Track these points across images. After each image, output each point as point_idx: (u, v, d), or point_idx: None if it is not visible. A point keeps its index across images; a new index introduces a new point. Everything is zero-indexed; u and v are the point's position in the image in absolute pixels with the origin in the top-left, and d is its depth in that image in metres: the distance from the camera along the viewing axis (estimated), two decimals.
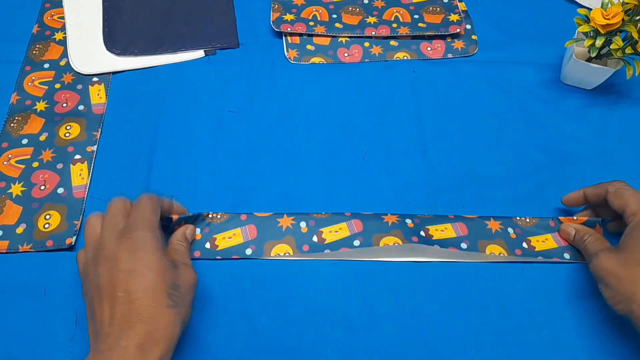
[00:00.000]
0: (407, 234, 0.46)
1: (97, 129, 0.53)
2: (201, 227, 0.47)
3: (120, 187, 0.50)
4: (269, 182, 0.51)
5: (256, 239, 0.46)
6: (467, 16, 0.64)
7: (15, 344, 0.42)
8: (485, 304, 0.45)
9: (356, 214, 0.48)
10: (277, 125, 0.55)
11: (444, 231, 0.47)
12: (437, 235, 0.47)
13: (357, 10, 0.63)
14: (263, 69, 0.59)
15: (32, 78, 0.56)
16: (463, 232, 0.47)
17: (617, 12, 0.49)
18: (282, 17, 0.61)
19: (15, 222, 0.47)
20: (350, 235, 0.47)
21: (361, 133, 0.54)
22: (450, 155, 0.53)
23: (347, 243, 0.46)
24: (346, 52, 0.60)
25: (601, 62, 0.55)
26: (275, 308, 0.44)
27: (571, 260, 0.46)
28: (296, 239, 0.47)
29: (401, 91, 0.57)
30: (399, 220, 0.48)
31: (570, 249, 0.47)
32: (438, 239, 0.46)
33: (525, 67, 0.59)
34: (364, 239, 0.46)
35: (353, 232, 0.47)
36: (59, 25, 0.61)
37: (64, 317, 0.43)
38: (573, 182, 0.51)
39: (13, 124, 0.53)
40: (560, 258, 0.46)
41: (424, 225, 0.47)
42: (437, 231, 0.47)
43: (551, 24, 0.63)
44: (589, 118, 0.56)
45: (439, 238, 0.46)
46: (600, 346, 0.43)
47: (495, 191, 0.51)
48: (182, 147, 0.53)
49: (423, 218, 0.48)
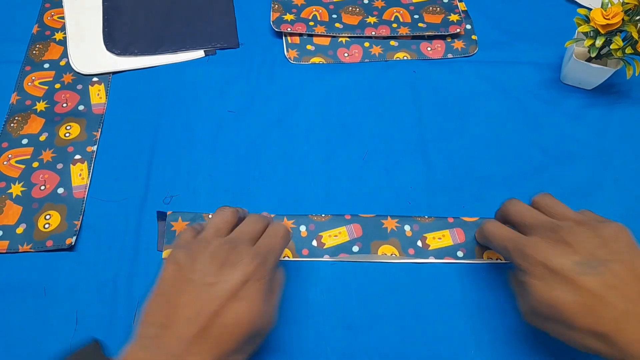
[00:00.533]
0: (404, 244, 0.47)
1: (97, 129, 0.53)
2: None
3: (121, 187, 0.50)
4: (269, 182, 0.51)
5: None
6: (467, 16, 0.64)
7: (15, 344, 0.42)
8: (485, 304, 0.45)
9: (356, 216, 0.48)
10: (277, 125, 0.55)
11: (442, 239, 0.47)
12: (434, 245, 0.47)
13: (357, 10, 0.63)
14: (263, 69, 0.59)
15: (32, 78, 0.56)
16: (460, 239, 0.47)
17: (617, 12, 0.49)
18: (282, 17, 0.61)
19: (15, 222, 0.47)
20: (350, 240, 0.47)
21: (361, 133, 0.54)
22: (450, 155, 0.53)
23: (347, 249, 0.46)
24: (346, 52, 0.60)
25: (601, 62, 0.55)
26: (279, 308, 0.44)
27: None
28: (296, 242, 0.47)
29: (401, 91, 0.57)
30: (397, 226, 0.48)
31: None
32: (435, 249, 0.47)
33: (525, 67, 0.59)
34: (363, 245, 0.47)
35: (352, 237, 0.47)
36: (59, 25, 0.61)
37: (64, 317, 0.43)
38: (573, 182, 0.51)
39: (13, 124, 0.53)
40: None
41: (422, 233, 0.47)
42: (435, 239, 0.47)
43: (551, 24, 0.63)
44: (588, 118, 0.56)
45: (435, 247, 0.47)
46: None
47: (495, 191, 0.51)
48: (182, 147, 0.53)
49: (422, 223, 0.48)
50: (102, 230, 0.47)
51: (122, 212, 0.48)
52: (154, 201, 0.49)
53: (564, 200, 0.50)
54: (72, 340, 0.42)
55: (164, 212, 0.48)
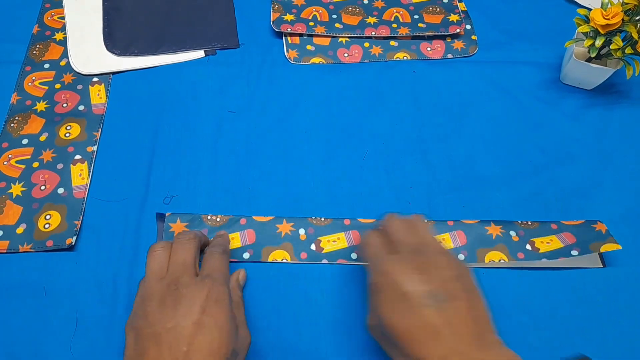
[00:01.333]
0: None
1: (98, 129, 0.53)
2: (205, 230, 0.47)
3: (121, 187, 0.50)
4: (269, 182, 0.51)
5: (254, 243, 0.46)
6: (467, 16, 0.64)
7: (16, 344, 0.42)
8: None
9: (355, 221, 0.48)
10: (277, 125, 0.55)
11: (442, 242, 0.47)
12: None
13: (357, 10, 0.63)
14: (263, 69, 0.59)
15: (33, 78, 0.56)
16: (461, 241, 0.47)
17: (617, 12, 0.49)
18: (282, 18, 0.61)
19: (15, 222, 0.47)
20: (349, 247, 0.47)
21: (361, 133, 0.54)
22: (450, 155, 0.53)
23: (345, 255, 0.46)
24: (346, 53, 0.60)
25: (601, 62, 0.55)
26: (275, 308, 0.44)
27: (580, 254, 0.45)
28: (294, 246, 0.47)
29: (401, 91, 0.57)
30: None
31: (578, 246, 0.46)
32: None
33: (525, 67, 0.59)
34: None
35: (351, 243, 0.47)
36: (59, 25, 0.61)
37: (64, 317, 0.43)
38: (573, 182, 0.51)
39: (13, 124, 0.53)
40: (566, 256, 0.45)
41: None
42: None
43: (551, 24, 0.63)
44: (588, 118, 0.56)
45: None
46: (601, 346, 0.43)
47: (494, 191, 0.51)
48: (182, 147, 0.53)
49: None
50: (102, 230, 0.47)
51: (122, 212, 0.48)
52: (154, 201, 0.49)
53: (564, 200, 0.50)
54: (72, 340, 0.42)
55: (162, 214, 0.48)
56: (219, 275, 0.38)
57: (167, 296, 0.35)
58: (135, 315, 0.36)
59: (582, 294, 0.45)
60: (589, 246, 0.45)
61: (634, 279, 0.46)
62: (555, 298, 0.45)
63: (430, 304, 0.34)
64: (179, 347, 0.32)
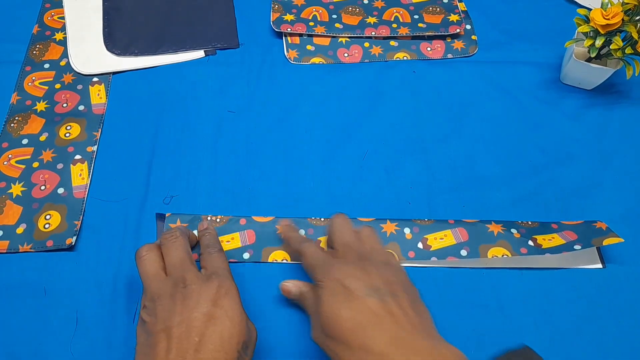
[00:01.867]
0: (404, 247, 0.46)
1: (98, 129, 0.53)
2: None
3: (121, 187, 0.50)
4: (269, 182, 0.51)
5: (254, 244, 0.46)
6: (467, 16, 0.64)
7: (16, 344, 0.42)
8: (485, 304, 0.44)
9: (355, 220, 0.48)
10: (277, 125, 0.55)
11: (443, 239, 0.46)
12: (435, 245, 0.46)
13: (357, 10, 0.63)
14: (263, 69, 0.59)
15: (33, 78, 0.56)
16: (463, 237, 0.47)
17: (617, 12, 0.49)
18: (282, 18, 0.61)
19: (15, 222, 0.47)
20: None
21: (361, 133, 0.54)
22: (450, 156, 0.53)
23: None
24: (346, 53, 0.60)
25: (601, 62, 0.55)
26: (275, 308, 0.44)
27: (583, 248, 0.44)
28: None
29: (401, 91, 0.57)
30: (397, 229, 0.47)
31: (580, 241, 0.45)
32: (437, 249, 0.46)
33: (525, 67, 0.59)
34: None
35: None
36: (59, 25, 0.61)
37: (64, 317, 0.43)
38: (573, 182, 0.51)
39: (13, 124, 0.53)
40: (569, 250, 0.44)
41: (423, 235, 0.47)
42: (437, 240, 0.46)
43: (551, 24, 0.63)
44: (588, 118, 0.56)
45: (437, 248, 0.46)
46: (600, 346, 0.43)
47: (494, 191, 0.51)
48: (182, 147, 0.53)
49: (422, 225, 0.47)
50: (102, 230, 0.47)
51: (122, 212, 0.48)
52: (154, 201, 0.49)
53: (564, 200, 0.50)
54: (72, 340, 0.42)
55: (162, 214, 0.48)
56: (223, 272, 0.38)
57: (177, 293, 0.36)
58: (144, 312, 0.36)
59: (582, 294, 0.45)
60: (592, 241, 0.45)
61: (634, 279, 0.46)
62: (555, 298, 0.45)
63: (373, 295, 0.35)
64: (190, 337, 0.33)
